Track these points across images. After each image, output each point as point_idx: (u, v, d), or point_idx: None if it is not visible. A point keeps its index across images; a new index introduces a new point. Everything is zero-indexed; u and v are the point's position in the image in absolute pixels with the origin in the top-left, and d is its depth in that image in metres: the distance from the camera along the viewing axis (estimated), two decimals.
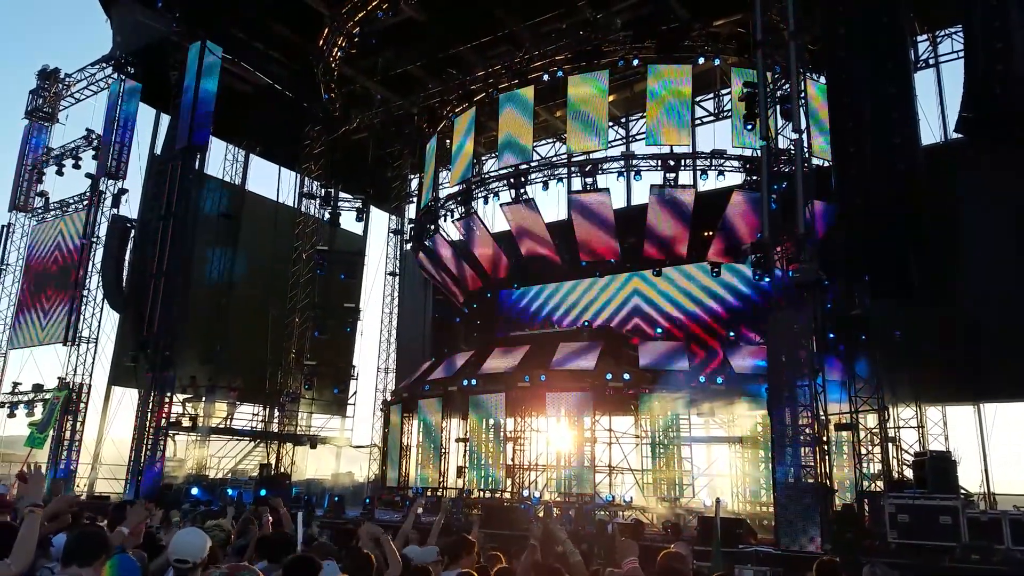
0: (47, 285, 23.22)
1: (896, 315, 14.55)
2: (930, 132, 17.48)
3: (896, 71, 14.09)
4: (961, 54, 17.18)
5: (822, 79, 16.77)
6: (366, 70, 23.65)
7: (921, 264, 13.10)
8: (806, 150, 14.08)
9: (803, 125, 13.88)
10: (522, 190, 20.48)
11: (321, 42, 22.01)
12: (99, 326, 21.89)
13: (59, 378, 21.33)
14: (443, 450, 19.73)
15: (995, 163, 15.63)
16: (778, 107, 14.03)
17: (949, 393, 16.47)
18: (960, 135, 15.85)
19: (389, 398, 24.27)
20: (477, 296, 24.03)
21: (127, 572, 3.07)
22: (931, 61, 19.79)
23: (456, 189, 22.57)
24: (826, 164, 16.03)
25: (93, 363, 21.54)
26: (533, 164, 21.13)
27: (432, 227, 23.11)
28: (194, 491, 19.17)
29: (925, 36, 19.68)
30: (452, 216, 22.69)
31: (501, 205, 21.09)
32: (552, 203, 21.69)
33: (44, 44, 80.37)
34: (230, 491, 19.11)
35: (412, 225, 25.08)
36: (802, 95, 14.05)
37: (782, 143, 14.12)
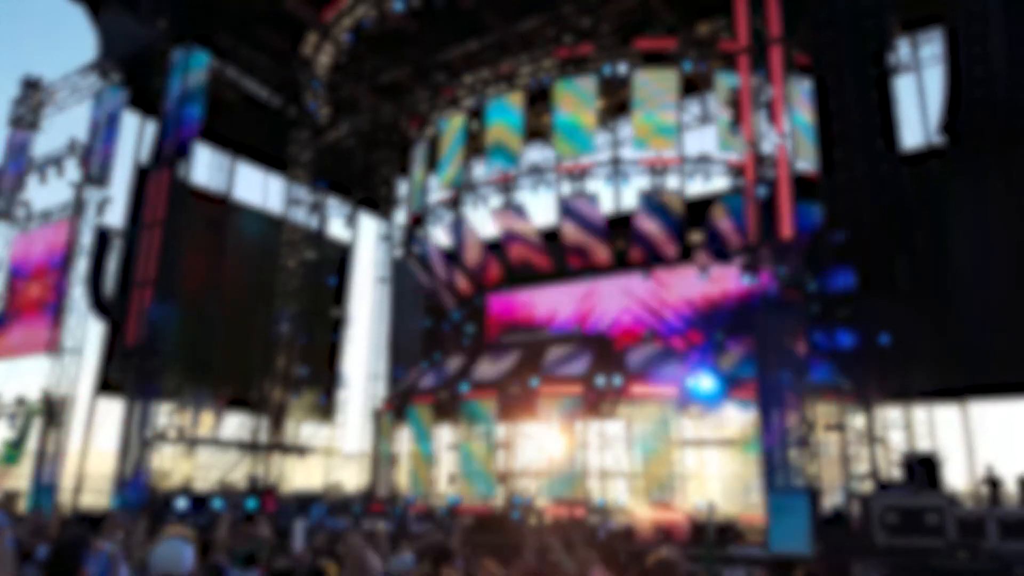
0: (29, 295, 22.90)
1: (884, 317, 14.68)
2: (912, 135, 17.74)
3: (880, 76, 14.31)
4: (944, 53, 17.50)
5: (807, 83, 16.98)
6: (355, 76, 23.60)
7: (909, 266, 13.27)
8: (791, 154, 14.23)
9: (788, 129, 14.05)
10: (511, 195, 20.52)
11: (309, 49, 21.97)
12: (83, 336, 21.59)
13: (43, 390, 21.01)
14: (434, 458, 19.65)
15: (979, 166, 15.87)
16: (763, 112, 14.19)
17: (936, 393, 16.63)
18: (941, 140, 16.23)
19: (380, 406, 24.15)
20: (467, 302, 24.00)
21: None
22: (911, 65, 20.06)
23: (446, 195, 22.55)
24: (811, 167, 16.20)
25: (77, 374, 21.25)
26: (522, 170, 21.18)
27: (422, 233, 23.08)
28: (181, 503, 18.91)
29: (906, 38, 19.96)
30: (442, 222, 22.67)
31: (491, 211, 21.12)
32: (542, 208, 21.76)
33: (26, 51, 79.59)
34: (217, 503, 18.90)
35: (402, 231, 25.03)
36: (787, 100, 14.22)
37: (767, 147, 14.26)
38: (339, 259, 27.44)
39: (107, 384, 21.50)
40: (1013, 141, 14.67)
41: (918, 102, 19.77)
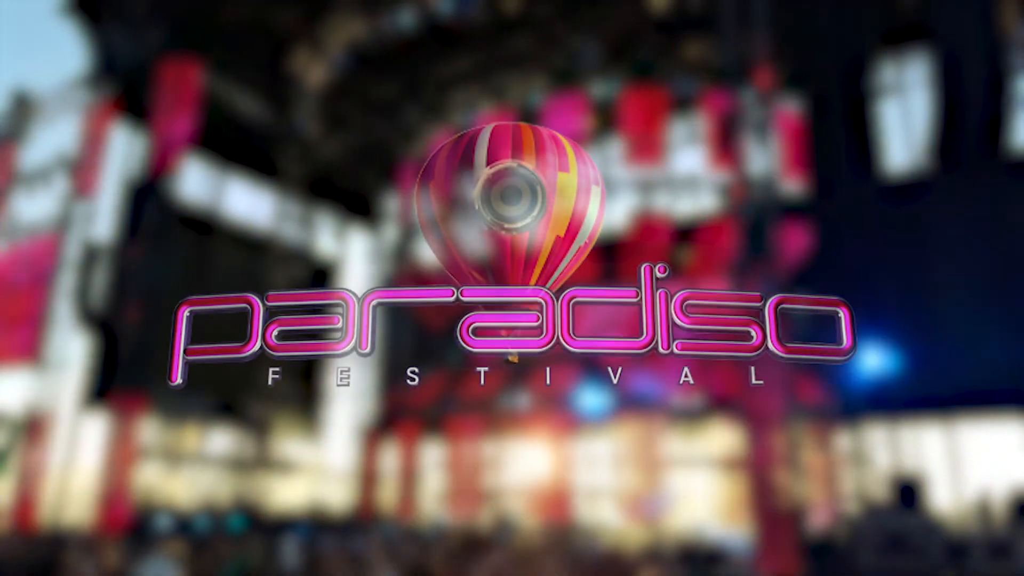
0: (15, 308, 22.67)
1: (871, 336, 14.76)
2: (896, 156, 17.93)
3: (867, 99, 14.55)
4: (928, 79, 17.79)
5: (796, 105, 17.21)
6: (345, 91, 23.73)
7: (894, 288, 13.39)
8: (780, 174, 14.39)
9: (777, 150, 14.22)
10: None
11: (300, 64, 22.09)
12: (67, 351, 21.36)
13: (26, 404, 20.72)
14: (420, 476, 19.48)
15: (964, 189, 16.08)
16: (752, 132, 14.35)
17: (922, 414, 16.69)
18: (926, 163, 16.49)
19: (366, 423, 23.96)
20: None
21: None
22: (897, 86, 20.33)
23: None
24: (801, 188, 16.36)
25: (62, 389, 20.96)
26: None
27: (410, 249, 23.09)
28: (164, 521, 18.62)
29: (891, 60, 20.24)
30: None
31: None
32: None
33: (15, 62, 79.35)
34: (201, 522, 18.64)
35: (390, 247, 25.03)
36: (776, 121, 14.41)
37: (756, 167, 14.41)
38: (328, 274, 27.36)
39: (93, 399, 21.22)
40: (995, 164, 14.92)
41: (903, 123, 20.02)
